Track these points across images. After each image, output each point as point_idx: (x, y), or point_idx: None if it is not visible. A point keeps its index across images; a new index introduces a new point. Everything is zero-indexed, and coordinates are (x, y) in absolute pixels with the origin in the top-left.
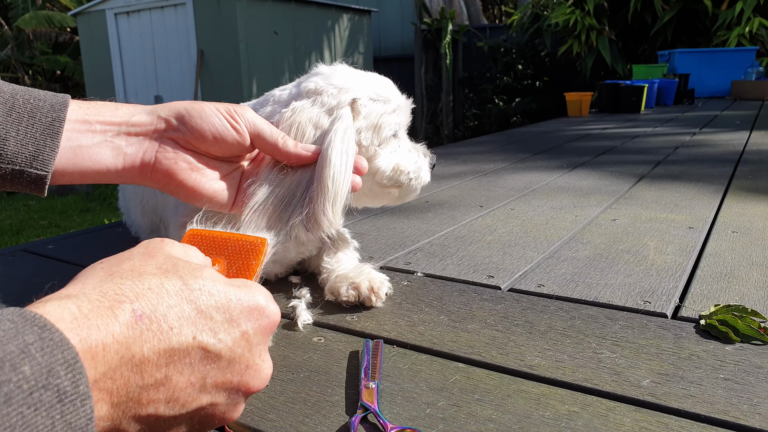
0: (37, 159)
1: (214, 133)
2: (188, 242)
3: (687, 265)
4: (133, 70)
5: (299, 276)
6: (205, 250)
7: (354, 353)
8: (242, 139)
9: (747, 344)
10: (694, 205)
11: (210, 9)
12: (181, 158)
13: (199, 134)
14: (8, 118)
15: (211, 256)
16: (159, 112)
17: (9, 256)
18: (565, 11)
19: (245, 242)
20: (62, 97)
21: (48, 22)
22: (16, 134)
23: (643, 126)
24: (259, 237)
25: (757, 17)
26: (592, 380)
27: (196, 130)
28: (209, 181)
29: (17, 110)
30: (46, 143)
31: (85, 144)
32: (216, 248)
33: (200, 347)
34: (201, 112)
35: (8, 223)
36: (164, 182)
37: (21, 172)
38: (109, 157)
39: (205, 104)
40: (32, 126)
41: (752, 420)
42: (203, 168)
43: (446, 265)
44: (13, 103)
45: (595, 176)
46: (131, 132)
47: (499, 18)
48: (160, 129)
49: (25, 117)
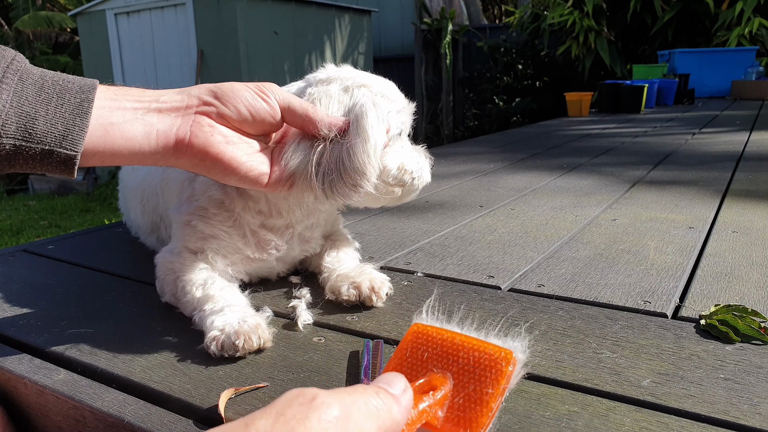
0: (66, 138)
1: (247, 107)
2: (412, 341)
3: (687, 265)
4: (133, 70)
5: (299, 276)
6: (430, 358)
7: (354, 353)
8: (273, 112)
9: (747, 344)
10: (694, 205)
11: (210, 9)
12: (217, 131)
13: (233, 108)
14: (37, 98)
15: (437, 368)
16: (190, 91)
17: (9, 257)
18: (563, 11)
19: (483, 355)
20: (90, 80)
21: (47, 22)
22: (45, 114)
23: (643, 126)
24: (503, 349)
25: (757, 17)
26: (593, 380)
27: (230, 103)
28: (245, 155)
29: (46, 90)
30: (75, 122)
31: (116, 121)
32: (444, 358)
33: None
34: (232, 88)
35: (8, 223)
36: (200, 157)
37: (50, 152)
38: (140, 135)
39: (233, 82)
40: (61, 106)
41: (752, 420)
42: (239, 142)
43: (446, 265)
44: (42, 84)
45: (595, 176)
46: (162, 108)
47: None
48: (192, 105)
49: (54, 97)
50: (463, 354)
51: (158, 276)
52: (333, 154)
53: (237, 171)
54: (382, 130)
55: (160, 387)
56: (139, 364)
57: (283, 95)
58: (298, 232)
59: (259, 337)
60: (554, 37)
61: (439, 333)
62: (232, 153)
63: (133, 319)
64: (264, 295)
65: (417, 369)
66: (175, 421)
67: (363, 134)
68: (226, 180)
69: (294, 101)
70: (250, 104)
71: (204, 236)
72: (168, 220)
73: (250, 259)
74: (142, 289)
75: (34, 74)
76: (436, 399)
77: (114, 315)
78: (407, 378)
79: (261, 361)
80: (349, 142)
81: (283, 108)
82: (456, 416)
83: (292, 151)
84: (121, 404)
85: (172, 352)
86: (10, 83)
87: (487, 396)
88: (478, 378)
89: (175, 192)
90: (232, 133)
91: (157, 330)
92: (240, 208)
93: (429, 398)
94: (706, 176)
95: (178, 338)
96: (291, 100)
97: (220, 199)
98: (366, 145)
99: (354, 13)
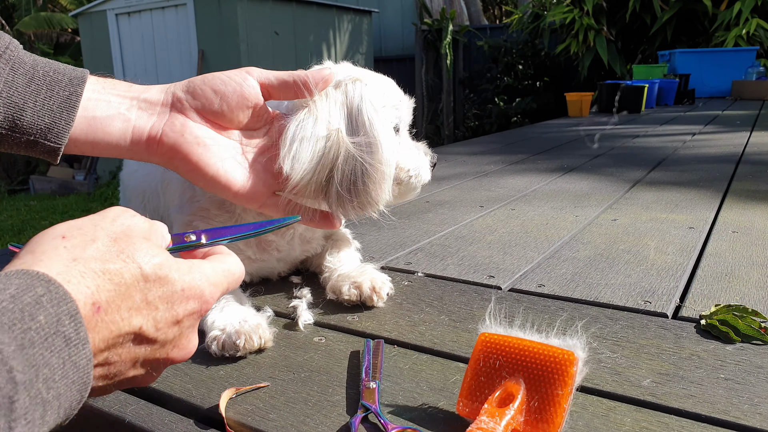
0: (51, 131)
1: (216, 91)
2: (482, 350)
3: (687, 265)
4: (133, 70)
5: (300, 276)
6: (501, 365)
7: (355, 353)
8: (247, 92)
9: (747, 344)
10: (695, 205)
11: (211, 9)
12: (188, 131)
13: (203, 99)
14: (27, 88)
15: (509, 374)
16: (171, 87)
17: (10, 256)
18: (563, 9)
19: (548, 358)
20: (81, 71)
21: (48, 23)
22: (33, 105)
23: (643, 126)
24: (565, 351)
25: (755, 18)
26: (593, 380)
27: (198, 95)
28: (215, 158)
29: (36, 81)
30: (62, 116)
31: (99, 115)
32: (513, 364)
33: (141, 334)
34: (206, 77)
35: (9, 223)
36: (169, 156)
37: (35, 143)
38: (118, 130)
39: (216, 72)
40: (50, 98)
41: (753, 420)
42: (210, 144)
43: (447, 265)
44: (33, 74)
45: (596, 176)
46: (142, 106)
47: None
48: (167, 102)
49: (44, 89)
50: (530, 358)
51: None
52: (347, 167)
53: (203, 174)
54: (392, 138)
55: (160, 387)
56: None
57: (262, 72)
58: (299, 233)
59: (260, 337)
60: (554, 36)
61: (505, 340)
62: (200, 155)
63: None
64: (265, 295)
65: (492, 377)
66: (175, 421)
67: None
68: (196, 182)
69: (276, 73)
70: (217, 88)
71: None
72: (169, 221)
73: (251, 259)
74: None
75: (26, 63)
76: (516, 407)
77: None
78: (486, 386)
79: (262, 360)
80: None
81: (266, 84)
82: (534, 419)
83: (289, 151)
84: (121, 404)
85: None
86: (1, 73)
87: (558, 397)
88: (547, 380)
89: (177, 193)
90: (208, 133)
91: None
92: (241, 209)
93: (511, 409)
94: (707, 176)
95: None
96: (273, 73)
97: (220, 200)
98: (379, 171)
99: (354, 14)
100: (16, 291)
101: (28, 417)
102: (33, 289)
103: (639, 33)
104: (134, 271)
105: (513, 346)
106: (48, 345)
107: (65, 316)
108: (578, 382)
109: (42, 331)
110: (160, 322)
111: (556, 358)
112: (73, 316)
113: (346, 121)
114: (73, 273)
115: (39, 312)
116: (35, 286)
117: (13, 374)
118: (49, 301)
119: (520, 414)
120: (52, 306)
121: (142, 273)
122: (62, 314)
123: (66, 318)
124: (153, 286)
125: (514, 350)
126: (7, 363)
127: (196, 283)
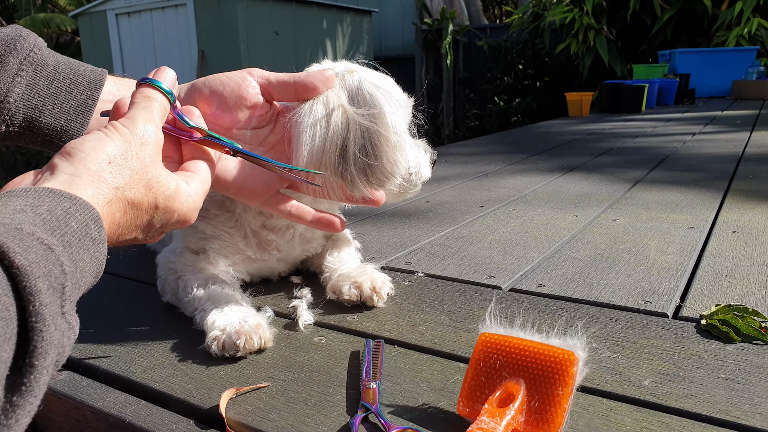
0: (66, 133)
1: (213, 89)
2: (483, 350)
3: (688, 264)
4: (133, 70)
5: (300, 276)
6: (501, 365)
7: (355, 353)
8: (246, 92)
9: (748, 344)
10: (695, 204)
11: (211, 9)
12: None
13: (199, 95)
14: (47, 91)
15: (509, 374)
16: (175, 89)
17: None
18: (563, 9)
19: (548, 358)
20: (100, 73)
21: (45, 25)
22: (51, 108)
23: (643, 126)
24: (565, 351)
25: (757, 17)
26: (593, 380)
27: (198, 94)
28: (216, 156)
29: (57, 84)
30: (78, 119)
31: None
32: (514, 364)
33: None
34: (209, 78)
35: None
36: None
37: (50, 142)
38: None
39: (219, 74)
40: (68, 102)
41: (753, 420)
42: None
43: (447, 265)
44: (54, 77)
45: (596, 176)
46: None
47: (499, 18)
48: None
49: (63, 92)
50: (530, 358)
51: (160, 276)
52: (357, 135)
53: None
54: (401, 120)
55: (161, 387)
56: (140, 364)
57: (263, 74)
58: (300, 232)
59: (260, 337)
60: (554, 36)
61: (506, 340)
62: None
63: (134, 319)
64: (265, 295)
65: (492, 377)
66: (176, 421)
67: (385, 128)
68: None
69: (277, 74)
70: (216, 89)
71: (205, 236)
72: None
73: (251, 259)
74: (143, 289)
75: (49, 65)
76: (516, 407)
77: (114, 315)
78: (486, 386)
79: (262, 361)
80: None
81: (266, 84)
82: (534, 419)
83: (299, 136)
84: (122, 404)
85: (173, 352)
86: (24, 75)
87: (558, 397)
88: (547, 380)
89: None
90: None
91: (158, 330)
92: (241, 209)
93: (511, 409)
94: (707, 176)
95: (179, 338)
96: (274, 74)
97: (221, 199)
98: (390, 142)
99: (355, 14)
100: (49, 205)
101: (72, 298)
102: (60, 203)
103: (639, 33)
104: (150, 201)
105: (513, 346)
106: (81, 244)
107: (91, 221)
108: (579, 382)
109: (75, 234)
110: (151, 232)
111: (557, 358)
112: (96, 221)
113: (347, 99)
114: (99, 187)
115: (71, 220)
116: (62, 200)
117: (64, 267)
118: (76, 211)
119: (520, 414)
120: (79, 215)
121: (156, 203)
122: (89, 220)
123: (91, 223)
124: (159, 213)
125: (515, 350)
126: (59, 259)
127: (189, 216)
